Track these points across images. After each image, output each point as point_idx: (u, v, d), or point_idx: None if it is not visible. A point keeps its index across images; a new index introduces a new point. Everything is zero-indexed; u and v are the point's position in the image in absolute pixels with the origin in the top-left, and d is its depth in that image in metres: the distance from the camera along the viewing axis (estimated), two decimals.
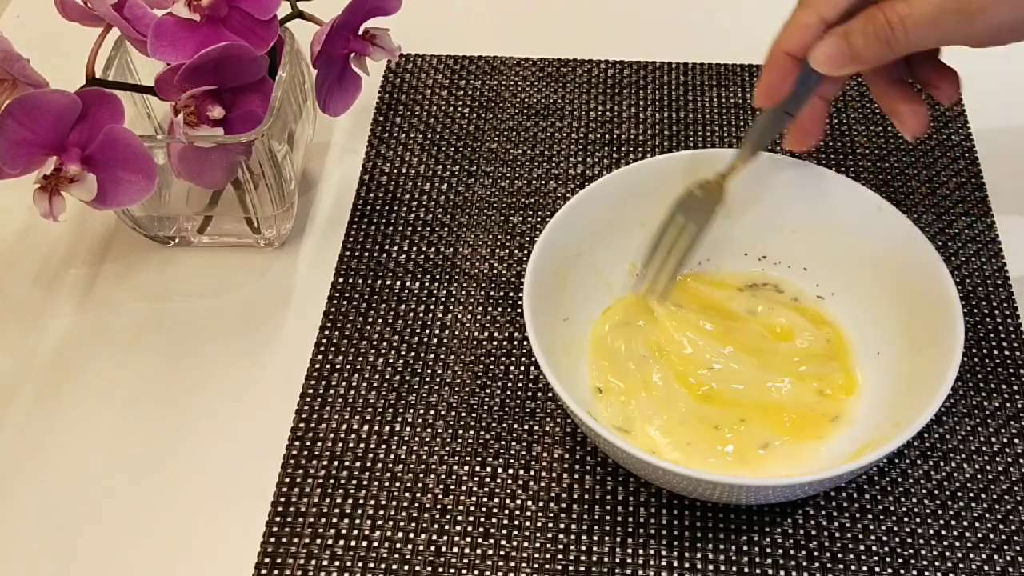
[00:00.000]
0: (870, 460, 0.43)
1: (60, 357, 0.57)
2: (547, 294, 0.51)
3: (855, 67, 0.46)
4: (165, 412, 0.55)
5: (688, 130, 0.67)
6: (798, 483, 0.44)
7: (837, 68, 0.46)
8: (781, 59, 0.48)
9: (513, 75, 0.71)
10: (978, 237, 0.60)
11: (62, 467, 0.53)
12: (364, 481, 0.51)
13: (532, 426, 0.53)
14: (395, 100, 0.69)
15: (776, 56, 0.48)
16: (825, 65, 0.46)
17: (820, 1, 0.47)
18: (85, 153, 0.51)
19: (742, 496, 0.47)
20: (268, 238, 0.61)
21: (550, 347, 0.49)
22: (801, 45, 0.47)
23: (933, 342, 0.48)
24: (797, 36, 0.47)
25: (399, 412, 0.54)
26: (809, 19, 0.47)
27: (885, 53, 0.45)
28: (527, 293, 0.49)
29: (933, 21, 0.43)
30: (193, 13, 0.53)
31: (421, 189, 0.64)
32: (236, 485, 0.52)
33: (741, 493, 0.46)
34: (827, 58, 0.46)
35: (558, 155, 0.66)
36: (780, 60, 0.48)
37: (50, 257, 0.62)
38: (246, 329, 0.58)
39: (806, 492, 0.46)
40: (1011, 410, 0.53)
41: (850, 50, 0.46)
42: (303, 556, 0.49)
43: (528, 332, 0.47)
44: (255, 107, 0.55)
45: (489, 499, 0.51)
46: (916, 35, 0.44)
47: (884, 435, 0.46)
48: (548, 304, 0.51)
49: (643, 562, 0.48)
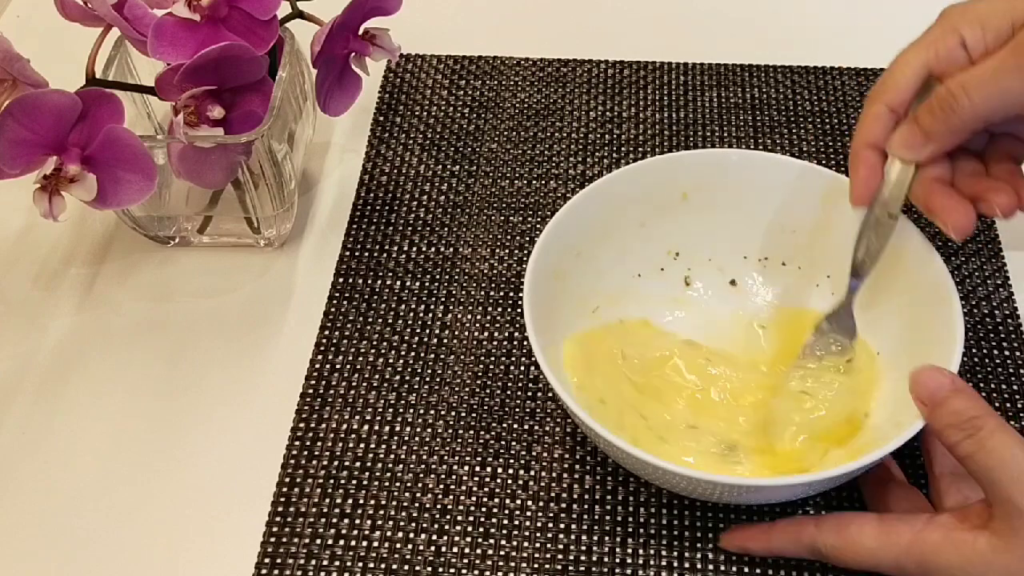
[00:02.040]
0: (870, 460, 0.43)
1: (60, 357, 0.57)
2: (547, 295, 0.51)
3: (931, 146, 0.46)
4: (165, 412, 0.55)
5: (688, 130, 0.67)
6: (798, 483, 0.44)
7: (915, 151, 0.47)
8: (864, 152, 0.48)
9: (513, 75, 0.71)
10: (978, 237, 0.60)
11: (62, 467, 0.53)
12: (364, 481, 0.51)
13: (532, 426, 0.53)
14: (395, 100, 0.69)
15: (858, 151, 0.49)
16: (902, 150, 0.47)
17: (885, 93, 0.47)
18: (85, 153, 0.51)
19: (742, 496, 0.47)
20: (268, 238, 0.61)
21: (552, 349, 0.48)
22: (879, 136, 0.48)
23: (933, 342, 0.48)
24: (872, 128, 0.48)
25: (399, 412, 0.54)
26: (879, 111, 0.48)
27: (953, 121, 0.45)
28: (527, 293, 0.48)
29: (993, 80, 0.44)
30: (193, 13, 0.53)
31: (421, 189, 0.64)
32: (236, 485, 0.52)
33: (741, 493, 0.46)
34: (902, 142, 0.47)
35: (558, 155, 0.66)
36: (864, 154, 0.48)
37: (50, 257, 0.62)
38: (246, 329, 0.58)
39: (806, 492, 0.46)
40: (1011, 410, 0.53)
41: (920, 129, 0.46)
42: (303, 556, 0.49)
43: (528, 333, 0.47)
44: (255, 107, 0.55)
45: (489, 499, 0.51)
46: (979, 97, 0.44)
47: (884, 435, 0.46)
48: (549, 304, 0.51)
49: (643, 562, 0.48)
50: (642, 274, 0.56)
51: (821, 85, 0.69)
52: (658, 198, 0.54)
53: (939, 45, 0.46)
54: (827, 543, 0.44)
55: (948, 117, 0.45)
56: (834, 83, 0.69)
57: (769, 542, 0.47)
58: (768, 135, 0.66)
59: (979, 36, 0.45)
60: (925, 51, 0.47)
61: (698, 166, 0.54)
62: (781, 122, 0.67)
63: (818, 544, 0.45)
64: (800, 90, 0.69)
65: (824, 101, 0.68)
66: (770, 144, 0.66)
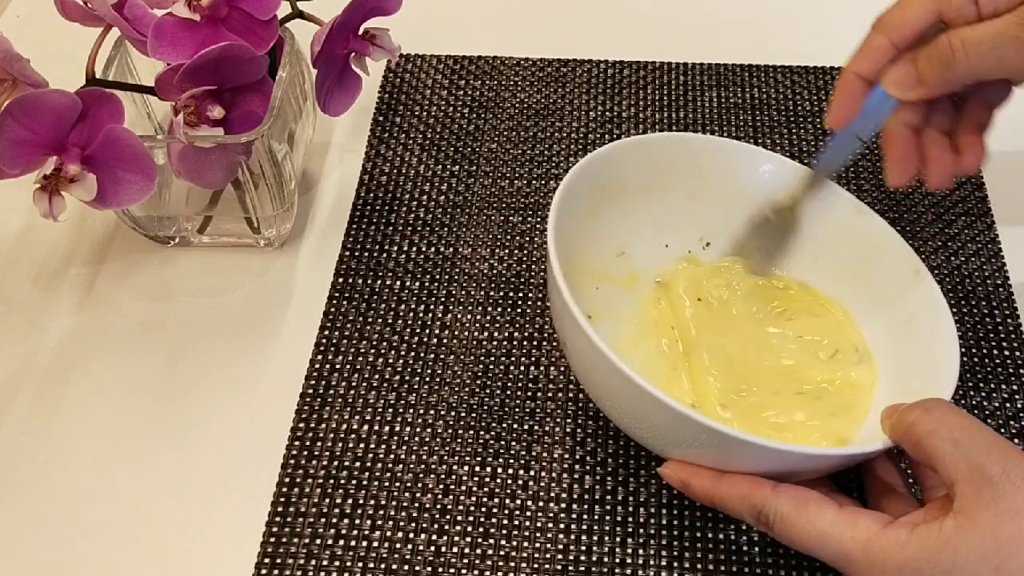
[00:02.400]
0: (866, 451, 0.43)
1: (60, 357, 0.57)
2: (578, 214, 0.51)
3: (922, 90, 0.47)
4: (165, 412, 0.55)
5: (688, 130, 0.67)
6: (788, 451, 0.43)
7: (906, 91, 0.47)
8: (852, 81, 0.49)
9: (513, 75, 0.71)
10: (978, 237, 0.60)
11: (62, 467, 0.53)
12: (364, 481, 0.51)
13: (532, 426, 0.53)
14: (395, 100, 0.69)
15: (847, 78, 0.49)
16: (894, 88, 0.47)
17: (891, 27, 0.48)
18: (85, 153, 0.51)
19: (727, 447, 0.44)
20: (268, 238, 0.61)
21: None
22: (872, 68, 0.48)
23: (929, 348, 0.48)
24: (868, 59, 0.48)
25: (399, 412, 0.54)
26: (880, 43, 0.48)
27: (947, 75, 0.45)
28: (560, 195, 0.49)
29: (993, 45, 0.44)
30: (193, 13, 0.53)
31: (421, 189, 0.64)
32: (236, 485, 0.52)
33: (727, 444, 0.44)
34: (896, 81, 0.47)
35: (558, 155, 0.66)
36: (850, 81, 0.49)
37: (50, 257, 0.62)
38: (246, 329, 0.58)
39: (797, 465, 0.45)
40: (1011, 410, 0.53)
41: (917, 73, 0.46)
42: (303, 556, 0.49)
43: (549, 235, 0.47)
44: (255, 107, 0.55)
45: (489, 499, 0.51)
46: (976, 58, 0.44)
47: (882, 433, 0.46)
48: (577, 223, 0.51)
49: (643, 562, 0.48)
50: (669, 245, 0.56)
51: (821, 85, 0.69)
52: (713, 181, 0.55)
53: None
54: (779, 511, 0.43)
55: (943, 69, 0.45)
56: (834, 83, 0.69)
57: (715, 488, 0.45)
58: (768, 135, 0.66)
59: None
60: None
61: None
62: (781, 122, 0.67)
63: (768, 509, 0.43)
64: (800, 90, 0.69)
65: (824, 101, 0.68)
66: (770, 144, 0.66)
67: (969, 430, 0.41)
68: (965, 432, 0.41)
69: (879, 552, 0.41)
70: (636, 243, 0.55)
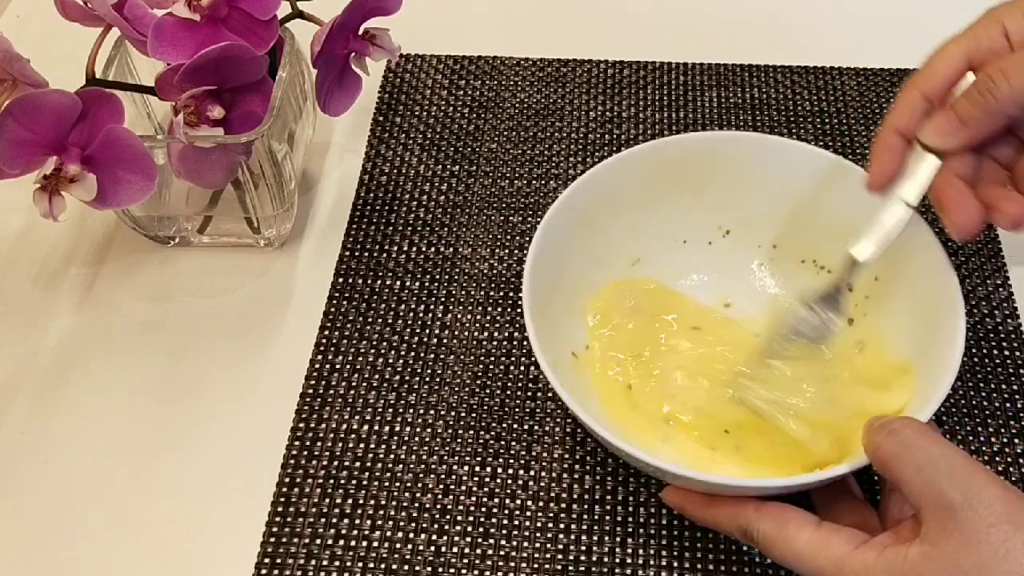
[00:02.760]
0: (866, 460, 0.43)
1: (60, 357, 0.57)
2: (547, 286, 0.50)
3: (965, 133, 0.46)
4: (165, 412, 0.55)
5: (688, 130, 0.67)
6: (795, 483, 0.44)
7: (947, 138, 0.46)
8: (890, 138, 0.48)
9: (513, 75, 0.71)
10: (978, 238, 0.60)
11: (62, 467, 0.53)
12: (364, 481, 0.51)
13: (532, 426, 0.53)
14: (395, 100, 0.69)
15: (884, 136, 0.48)
16: (935, 137, 0.46)
17: (921, 80, 0.47)
18: (85, 153, 0.51)
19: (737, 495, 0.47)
20: (268, 238, 0.61)
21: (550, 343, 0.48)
22: (908, 123, 0.47)
23: (933, 343, 0.47)
24: (904, 115, 0.47)
25: (399, 412, 0.54)
26: (914, 98, 0.47)
27: (990, 105, 0.45)
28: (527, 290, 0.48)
29: None
30: (193, 13, 0.53)
31: (421, 189, 0.64)
32: (236, 485, 0.52)
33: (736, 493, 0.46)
34: (936, 129, 0.46)
35: (558, 155, 0.66)
36: (889, 139, 0.48)
37: (50, 257, 0.62)
38: (246, 329, 0.58)
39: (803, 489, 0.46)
40: (1011, 410, 0.53)
41: (957, 116, 0.46)
42: (303, 556, 0.49)
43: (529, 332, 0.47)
44: (255, 107, 0.55)
45: (489, 499, 0.51)
46: (1018, 81, 0.44)
47: None
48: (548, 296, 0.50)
49: (643, 562, 0.48)
50: (688, 241, 0.56)
51: (821, 85, 0.69)
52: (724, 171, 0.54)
53: (981, 35, 0.46)
54: (761, 530, 0.44)
55: (986, 101, 0.45)
56: (834, 83, 0.69)
57: (706, 511, 0.46)
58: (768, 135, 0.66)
59: (1021, 24, 0.45)
60: (967, 41, 0.46)
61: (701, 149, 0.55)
62: (781, 122, 0.67)
63: (752, 528, 0.44)
64: (800, 90, 0.69)
65: (824, 101, 0.68)
66: None
67: (933, 455, 0.40)
68: (928, 458, 0.40)
69: (849, 572, 0.41)
70: (650, 248, 0.55)
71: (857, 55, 0.70)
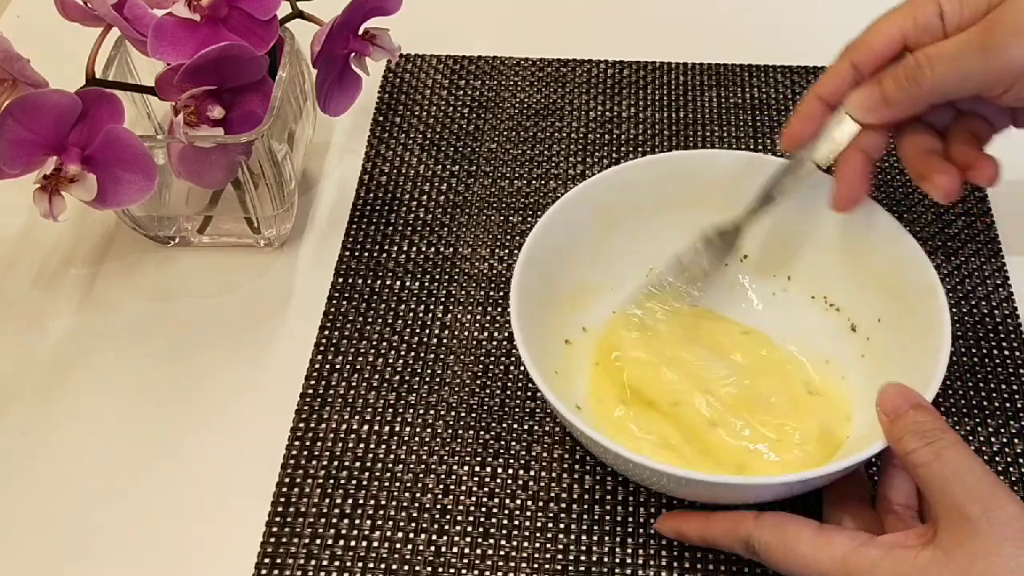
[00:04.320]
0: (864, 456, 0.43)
1: (60, 357, 0.57)
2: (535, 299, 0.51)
3: (887, 112, 0.47)
4: (165, 412, 0.55)
5: (688, 130, 0.67)
6: (790, 481, 0.44)
7: (871, 113, 0.47)
8: (812, 103, 0.49)
9: (513, 75, 0.71)
10: (978, 237, 0.60)
11: (62, 467, 0.53)
12: (364, 481, 0.51)
13: (532, 426, 0.53)
14: (395, 100, 0.69)
15: (807, 100, 0.49)
16: (859, 110, 0.47)
17: (855, 50, 0.48)
18: (85, 153, 0.51)
19: (733, 495, 0.46)
20: (268, 238, 0.61)
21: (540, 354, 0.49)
22: (834, 91, 0.48)
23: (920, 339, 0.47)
24: (832, 83, 0.48)
25: (399, 412, 0.54)
26: (844, 67, 0.48)
27: (914, 91, 0.45)
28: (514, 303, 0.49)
29: (956, 57, 0.44)
30: (193, 13, 0.53)
31: (421, 189, 0.64)
32: (236, 485, 0.52)
33: (732, 492, 0.46)
34: (860, 103, 0.47)
35: (558, 155, 0.66)
36: (811, 104, 0.49)
37: (50, 257, 0.62)
38: (246, 329, 0.58)
39: (800, 490, 0.46)
40: (1011, 410, 0.53)
41: (881, 94, 0.46)
42: (303, 556, 0.49)
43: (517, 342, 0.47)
44: (255, 107, 0.55)
45: (489, 499, 0.51)
46: (941, 71, 0.44)
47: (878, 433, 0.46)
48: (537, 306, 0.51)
49: (643, 562, 0.48)
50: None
51: None
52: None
53: (918, 13, 0.46)
54: (762, 539, 0.44)
55: (910, 87, 0.45)
56: None
57: (705, 530, 0.46)
58: (768, 135, 0.66)
59: (956, 8, 0.45)
60: (902, 17, 0.47)
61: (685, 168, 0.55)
62: (781, 122, 0.67)
63: (753, 539, 0.44)
64: (800, 90, 0.69)
65: None
66: (770, 144, 0.66)
67: (960, 467, 0.41)
68: (956, 469, 0.41)
69: (853, 569, 0.41)
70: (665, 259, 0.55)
71: None
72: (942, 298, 0.47)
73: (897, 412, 0.43)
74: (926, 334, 0.47)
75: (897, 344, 0.50)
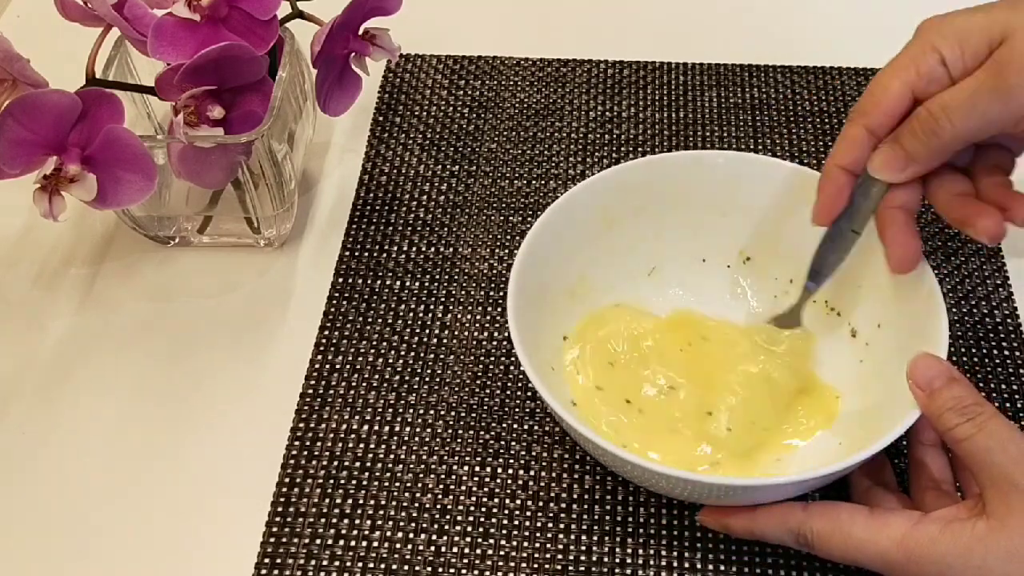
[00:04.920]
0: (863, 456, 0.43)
1: (60, 357, 0.57)
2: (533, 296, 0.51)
3: (912, 168, 0.46)
4: (165, 412, 0.55)
5: (688, 130, 0.67)
6: (788, 482, 0.44)
7: (896, 172, 0.47)
8: (835, 174, 0.48)
9: (513, 75, 0.71)
10: None
11: (62, 467, 0.53)
12: (364, 481, 0.51)
13: (532, 426, 0.53)
14: (395, 100, 0.69)
15: (830, 171, 0.48)
16: (883, 171, 0.47)
17: (866, 113, 0.47)
18: (85, 153, 0.51)
19: (732, 496, 0.47)
20: (268, 238, 0.61)
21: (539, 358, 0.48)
22: (855, 159, 0.48)
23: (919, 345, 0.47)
24: (850, 151, 0.48)
25: (399, 412, 0.54)
26: (858, 132, 0.47)
27: (935, 144, 0.45)
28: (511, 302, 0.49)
29: (972, 102, 0.44)
30: (193, 13, 0.53)
31: (421, 189, 0.64)
32: (236, 485, 0.52)
33: (731, 493, 0.46)
34: (883, 164, 0.47)
35: (558, 155, 0.66)
36: (834, 175, 0.48)
37: (50, 257, 0.62)
38: (246, 329, 0.58)
39: (799, 491, 0.46)
40: (1011, 410, 0.53)
41: (903, 151, 0.46)
42: (303, 556, 0.49)
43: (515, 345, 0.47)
44: (255, 107, 0.55)
45: (489, 499, 0.51)
46: (958, 119, 0.44)
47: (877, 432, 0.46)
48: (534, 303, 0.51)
49: (643, 562, 0.48)
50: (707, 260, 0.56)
51: (821, 85, 0.69)
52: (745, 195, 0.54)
53: (920, 64, 0.46)
54: (815, 528, 0.44)
55: (930, 140, 0.45)
56: (834, 83, 0.69)
57: (752, 523, 0.46)
58: (768, 135, 0.66)
59: (957, 54, 0.45)
60: (905, 71, 0.46)
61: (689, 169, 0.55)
62: (781, 122, 0.67)
63: (805, 529, 0.44)
64: (800, 90, 0.69)
65: (824, 101, 0.68)
66: (769, 144, 0.66)
67: (1002, 437, 0.42)
68: (999, 441, 0.42)
69: (914, 547, 0.42)
70: (668, 259, 0.56)
71: (857, 55, 0.70)
72: (940, 304, 0.47)
73: (932, 386, 0.44)
74: (924, 340, 0.47)
75: (895, 349, 0.50)
